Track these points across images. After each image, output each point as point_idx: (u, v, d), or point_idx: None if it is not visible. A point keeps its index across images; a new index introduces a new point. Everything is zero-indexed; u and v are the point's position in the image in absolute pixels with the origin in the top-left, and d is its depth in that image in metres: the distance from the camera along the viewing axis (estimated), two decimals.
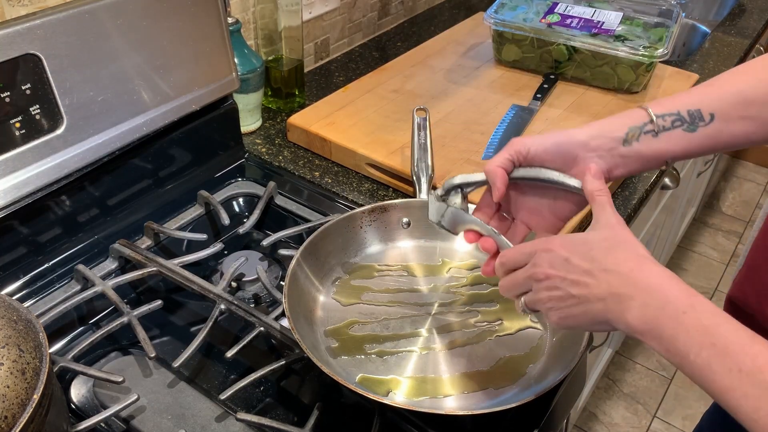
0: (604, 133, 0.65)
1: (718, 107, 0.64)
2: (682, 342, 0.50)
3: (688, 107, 0.65)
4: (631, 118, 0.65)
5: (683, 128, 0.65)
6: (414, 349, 0.77)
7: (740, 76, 0.66)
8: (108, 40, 0.83)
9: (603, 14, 1.27)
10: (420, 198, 0.92)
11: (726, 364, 0.48)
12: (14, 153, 0.78)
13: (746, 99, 0.64)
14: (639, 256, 0.56)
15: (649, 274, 0.54)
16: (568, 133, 0.66)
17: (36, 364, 0.57)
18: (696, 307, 0.51)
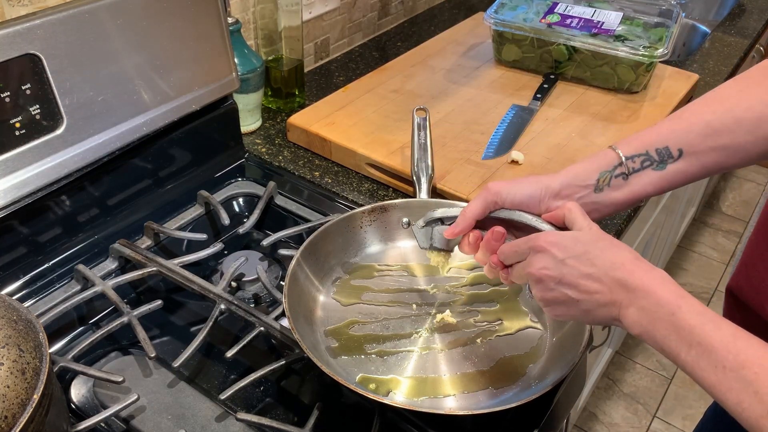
0: (576, 182, 0.67)
1: (686, 142, 0.65)
2: (673, 342, 0.53)
3: (656, 146, 0.66)
4: (602, 162, 0.67)
5: (653, 168, 0.66)
6: (414, 349, 0.77)
7: (706, 106, 0.66)
8: (108, 40, 0.83)
9: (603, 14, 1.27)
10: (420, 198, 0.92)
11: (711, 361, 0.51)
12: (14, 153, 0.78)
13: (714, 130, 0.65)
14: (633, 259, 0.58)
15: (644, 276, 0.56)
16: (540, 181, 0.67)
17: (36, 364, 0.57)
18: (683, 307, 0.53)
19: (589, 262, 0.58)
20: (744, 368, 0.49)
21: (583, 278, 0.58)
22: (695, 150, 0.65)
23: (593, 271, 0.58)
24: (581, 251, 0.59)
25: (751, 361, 0.49)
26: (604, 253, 0.58)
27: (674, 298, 0.54)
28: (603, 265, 0.58)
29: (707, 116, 0.65)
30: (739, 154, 0.65)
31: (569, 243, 0.60)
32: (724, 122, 0.64)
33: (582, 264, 0.58)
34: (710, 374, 0.51)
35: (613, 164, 0.67)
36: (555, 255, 0.60)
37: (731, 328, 0.52)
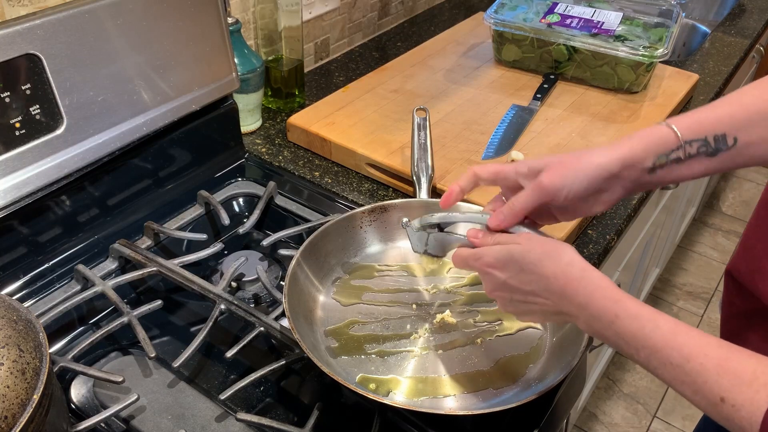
0: (635, 162, 0.63)
1: (743, 130, 0.63)
2: (623, 345, 0.55)
3: (715, 131, 0.63)
4: (659, 143, 0.63)
5: (706, 153, 0.64)
6: (414, 349, 0.77)
7: (761, 91, 0.64)
8: (108, 40, 0.83)
9: (603, 14, 1.27)
10: (420, 198, 0.92)
11: (658, 359, 0.53)
12: (14, 153, 0.78)
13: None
14: (565, 267, 0.58)
15: (578, 288, 0.57)
16: (599, 163, 0.62)
17: (36, 364, 0.57)
18: (620, 314, 0.55)
19: (527, 281, 0.60)
20: (689, 361, 0.51)
21: (528, 294, 0.61)
22: (750, 141, 0.63)
23: (533, 288, 0.60)
24: (517, 269, 0.61)
25: (695, 352, 0.51)
26: (538, 268, 0.59)
27: (610, 305, 0.56)
28: (539, 282, 0.60)
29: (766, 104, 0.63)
30: None
31: (506, 263, 0.61)
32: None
33: (521, 283, 0.61)
34: (663, 371, 0.53)
35: (671, 147, 0.63)
36: (497, 277, 0.62)
37: (669, 323, 0.53)
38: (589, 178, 0.62)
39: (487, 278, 0.64)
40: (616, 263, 1.32)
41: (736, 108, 0.64)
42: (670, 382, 0.53)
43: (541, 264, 0.59)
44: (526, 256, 0.60)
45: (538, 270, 0.59)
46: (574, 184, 0.62)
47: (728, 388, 0.49)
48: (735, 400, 0.48)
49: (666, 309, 2.23)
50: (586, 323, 0.58)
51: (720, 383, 0.49)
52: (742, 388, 0.48)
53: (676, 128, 0.63)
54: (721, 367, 0.50)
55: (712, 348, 0.51)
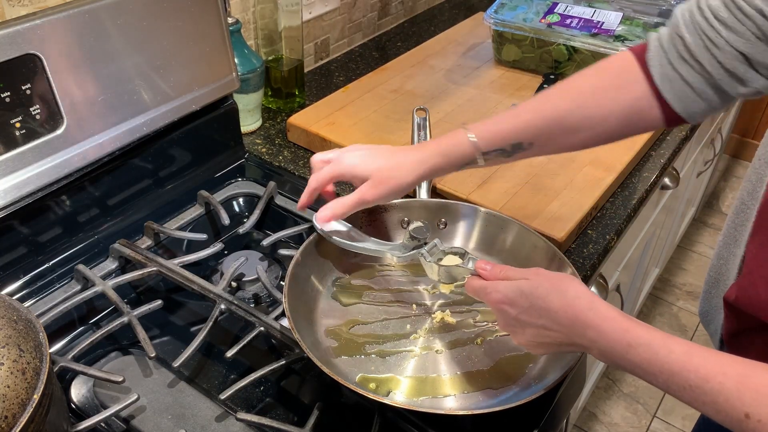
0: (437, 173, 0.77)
1: (539, 137, 0.72)
2: (640, 373, 0.56)
3: (512, 141, 0.72)
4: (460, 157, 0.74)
5: (503, 156, 0.74)
6: (414, 349, 0.77)
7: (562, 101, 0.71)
8: (108, 40, 0.83)
9: (603, 14, 1.27)
10: (420, 198, 0.92)
11: (677, 383, 0.53)
12: (14, 153, 0.78)
13: (566, 128, 0.71)
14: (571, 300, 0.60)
15: (586, 322, 0.58)
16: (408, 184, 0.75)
17: (36, 364, 0.57)
18: (632, 343, 0.55)
19: (537, 314, 0.61)
20: (708, 382, 0.51)
21: (540, 328, 0.62)
22: (545, 142, 0.72)
23: (544, 322, 0.61)
24: (527, 305, 0.62)
25: (713, 372, 0.51)
26: (546, 302, 0.61)
27: (621, 337, 0.56)
28: (548, 316, 0.61)
29: (563, 113, 0.70)
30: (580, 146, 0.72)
31: (515, 298, 0.63)
32: (575, 118, 0.70)
33: (532, 317, 0.62)
34: (683, 394, 0.53)
35: (471, 159, 0.74)
36: (508, 313, 0.64)
37: (683, 346, 0.54)
38: (402, 190, 0.76)
39: (499, 314, 0.65)
40: (616, 263, 1.32)
41: (536, 115, 0.72)
42: (692, 404, 0.53)
43: (548, 298, 0.60)
44: (534, 291, 0.61)
45: (546, 304, 0.60)
46: (389, 197, 0.76)
47: (751, 404, 0.49)
48: (760, 415, 0.48)
49: (666, 309, 2.23)
50: (600, 354, 0.58)
51: (742, 400, 0.49)
52: (765, 402, 0.48)
53: (477, 140, 0.73)
54: (742, 383, 0.50)
55: (729, 366, 0.51)
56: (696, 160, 1.78)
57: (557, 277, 0.63)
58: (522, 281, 0.63)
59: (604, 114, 0.69)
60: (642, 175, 1.09)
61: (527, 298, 0.62)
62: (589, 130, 0.70)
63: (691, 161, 1.69)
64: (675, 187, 1.36)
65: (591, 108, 0.69)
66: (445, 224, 0.89)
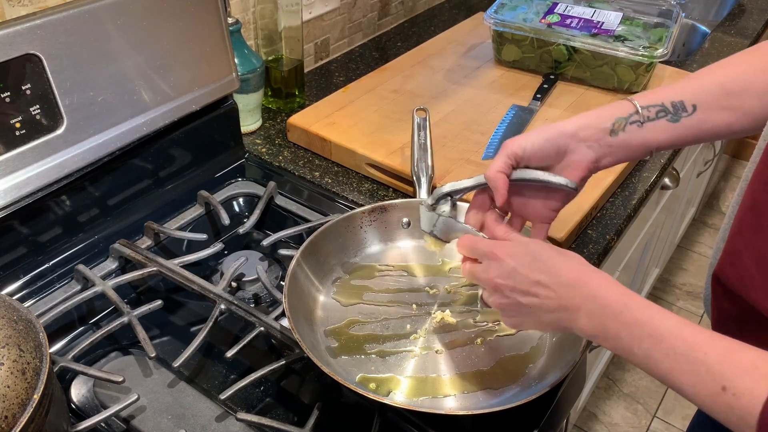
0: (592, 124, 0.69)
1: (700, 98, 0.68)
2: (624, 338, 0.56)
3: (671, 99, 0.69)
4: (618, 109, 0.69)
5: (667, 119, 0.69)
6: (414, 349, 0.77)
7: (720, 69, 0.70)
8: (108, 40, 0.83)
9: (603, 14, 1.27)
10: (420, 198, 0.92)
11: (662, 349, 0.54)
12: (14, 153, 0.78)
13: (726, 90, 0.68)
14: (581, 265, 0.61)
15: (591, 281, 0.60)
16: (557, 126, 0.69)
17: (36, 364, 0.57)
18: (629, 305, 0.57)
19: (538, 270, 0.62)
20: (693, 351, 0.52)
21: (534, 285, 0.62)
22: (708, 107, 0.68)
23: (542, 278, 0.61)
24: (531, 259, 0.62)
25: (700, 343, 0.52)
26: (552, 261, 0.62)
27: (620, 297, 0.58)
28: (551, 272, 0.61)
29: (720, 77, 0.68)
30: (747, 117, 0.68)
31: (520, 252, 0.63)
32: (736, 84, 0.67)
33: (532, 271, 0.62)
34: (663, 363, 0.54)
35: (629, 112, 0.69)
36: (508, 263, 0.63)
37: (677, 318, 0.55)
38: (546, 134, 0.68)
39: (495, 264, 0.64)
40: (616, 263, 1.32)
41: (691, 81, 0.70)
42: (668, 374, 0.53)
43: (555, 259, 0.62)
44: (543, 252, 0.63)
45: (551, 262, 0.62)
46: (532, 140, 0.68)
47: (730, 378, 0.50)
48: (736, 389, 0.49)
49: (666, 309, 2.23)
50: (589, 316, 0.58)
51: (722, 373, 0.50)
52: (744, 377, 0.49)
53: (633, 99, 0.69)
54: (725, 357, 0.51)
55: (717, 340, 0.52)
56: (696, 160, 1.78)
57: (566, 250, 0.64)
58: (531, 241, 0.65)
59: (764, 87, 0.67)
60: (642, 175, 1.09)
61: (532, 254, 0.63)
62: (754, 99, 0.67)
63: (691, 161, 1.69)
64: (675, 187, 1.36)
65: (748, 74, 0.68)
66: None
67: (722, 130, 0.69)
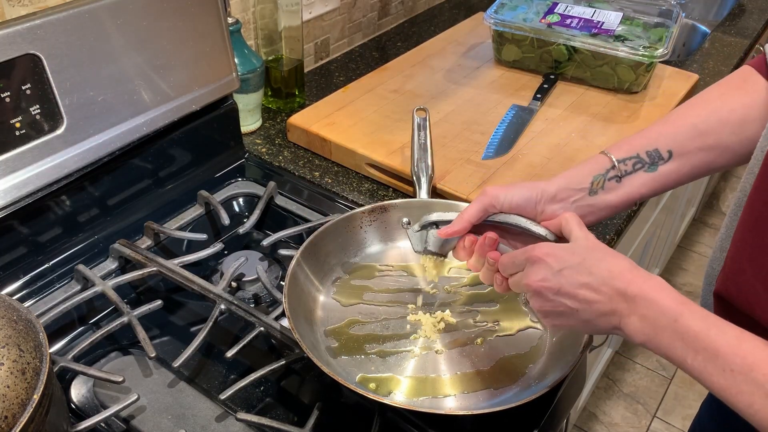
0: (570, 185, 0.69)
1: (675, 143, 0.68)
2: (678, 348, 0.53)
3: (646, 148, 0.69)
4: (594, 166, 0.69)
5: (644, 170, 0.69)
6: (414, 349, 0.77)
7: (691, 110, 0.70)
8: (108, 40, 0.83)
9: (603, 14, 1.27)
10: (420, 198, 0.92)
11: (719, 365, 0.51)
12: (14, 153, 0.78)
13: (700, 131, 0.68)
14: (631, 266, 0.58)
15: (643, 285, 0.56)
16: (536, 186, 0.69)
17: (36, 364, 0.57)
18: (685, 314, 0.54)
19: (586, 272, 0.58)
20: (753, 371, 0.49)
21: (581, 288, 0.58)
22: (684, 151, 0.68)
23: (590, 280, 0.58)
24: (577, 261, 0.59)
25: (759, 363, 0.50)
26: (601, 263, 0.58)
27: (675, 305, 0.54)
28: (600, 274, 0.58)
29: (693, 119, 0.68)
30: (726, 154, 0.68)
31: (565, 253, 0.60)
32: (709, 124, 0.68)
33: (579, 274, 0.58)
34: (719, 378, 0.51)
35: (606, 168, 0.69)
36: (551, 265, 0.60)
37: (735, 330, 0.52)
38: (526, 192, 0.68)
39: (540, 266, 0.61)
40: None
41: (663, 126, 0.69)
42: (724, 390, 0.51)
43: (605, 261, 0.58)
44: (591, 253, 0.59)
45: (601, 265, 0.58)
46: (511, 194, 0.68)
47: None
48: None
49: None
50: (642, 322, 0.55)
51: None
52: None
53: (609, 152, 0.69)
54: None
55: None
56: None
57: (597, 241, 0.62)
58: (575, 243, 0.62)
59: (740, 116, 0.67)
60: None
61: (580, 255, 0.59)
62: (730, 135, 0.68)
63: None
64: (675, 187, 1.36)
65: (721, 111, 0.68)
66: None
67: (702, 170, 0.69)
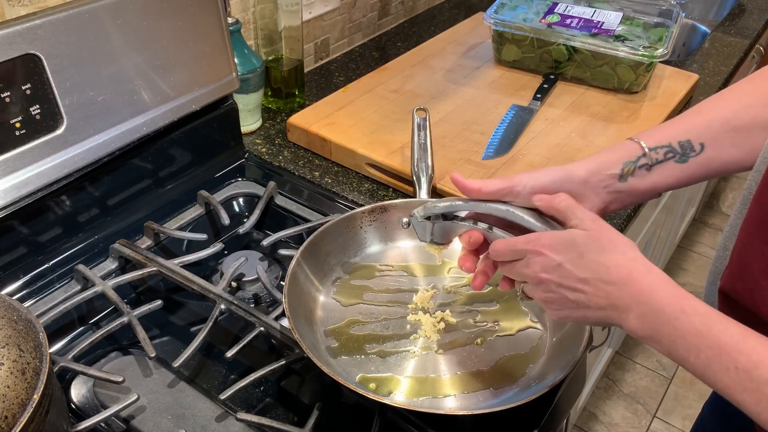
0: (601, 170, 0.67)
1: (707, 136, 0.66)
2: (681, 346, 0.53)
3: (678, 138, 0.67)
4: (625, 152, 0.67)
5: (675, 159, 0.67)
6: (414, 349, 0.77)
7: (724, 102, 0.68)
8: (108, 40, 0.83)
9: (603, 14, 1.27)
10: (420, 198, 0.92)
11: (723, 363, 0.50)
12: (14, 153, 0.78)
13: (732, 127, 0.66)
14: (630, 260, 0.57)
15: (642, 280, 0.56)
16: (566, 170, 0.66)
17: (36, 364, 0.57)
18: (687, 310, 0.53)
19: (584, 267, 0.58)
20: (758, 368, 0.49)
21: (580, 282, 0.58)
22: (716, 145, 0.66)
23: (589, 275, 0.58)
24: (577, 254, 0.58)
25: (765, 360, 0.49)
26: (601, 257, 0.58)
27: (676, 302, 0.54)
28: (598, 269, 0.57)
29: (725, 113, 0.66)
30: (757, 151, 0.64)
31: (566, 246, 0.59)
32: (742, 119, 0.66)
33: (578, 269, 0.58)
34: (723, 376, 0.50)
35: (637, 155, 0.67)
36: (553, 258, 0.59)
37: (738, 327, 0.51)
38: (553, 176, 0.65)
39: (539, 259, 0.60)
40: None
41: (696, 117, 0.68)
42: (729, 388, 0.50)
43: (605, 253, 0.57)
44: (591, 243, 0.58)
45: (600, 258, 0.57)
46: (537, 176, 0.65)
47: None
48: None
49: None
50: (640, 318, 0.55)
51: None
52: None
53: (640, 139, 0.67)
54: None
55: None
56: None
57: (615, 235, 0.59)
58: (578, 231, 0.59)
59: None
60: None
61: (579, 248, 0.58)
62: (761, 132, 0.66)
63: None
64: None
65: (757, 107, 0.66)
66: None
67: (732, 166, 0.67)
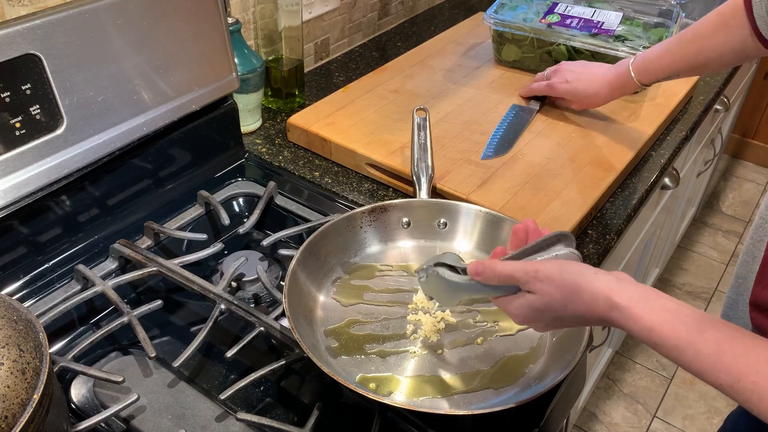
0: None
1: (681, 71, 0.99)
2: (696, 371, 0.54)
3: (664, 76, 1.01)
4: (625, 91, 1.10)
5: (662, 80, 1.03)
6: (414, 349, 0.77)
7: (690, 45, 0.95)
8: (108, 40, 0.83)
9: (603, 14, 1.27)
10: (420, 198, 0.92)
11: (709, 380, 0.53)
12: (14, 153, 0.78)
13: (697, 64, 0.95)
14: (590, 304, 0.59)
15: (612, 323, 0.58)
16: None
17: (36, 364, 0.57)
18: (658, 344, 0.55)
19: (566, 320, 0.62)
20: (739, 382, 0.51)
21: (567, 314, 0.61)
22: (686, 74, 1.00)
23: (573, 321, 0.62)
24: (551, 317, 0.63)
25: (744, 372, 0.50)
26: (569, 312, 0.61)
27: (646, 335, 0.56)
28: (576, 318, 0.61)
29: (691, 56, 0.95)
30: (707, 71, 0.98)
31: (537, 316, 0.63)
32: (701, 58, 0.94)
33: (564, 322, 0.63)
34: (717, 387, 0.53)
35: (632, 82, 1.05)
36: (539, 326, 0.66)
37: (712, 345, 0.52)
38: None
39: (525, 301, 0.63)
40: (616, 263, 1.32)
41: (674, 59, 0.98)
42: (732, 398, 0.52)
43: (568, 309, 0.60)
44: (551, 305, 0.61)
45: (569, 312, 0.61)
46: None
47: None
48: None
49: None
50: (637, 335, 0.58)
51: None
52: None
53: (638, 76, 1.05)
54: None
55: (764, 363, 0.50)
56: (696, 160, 1.78)
57: (562, 281, 0.60)
58: (531, 297, 0.62)
59: (720, 53, 0.91)
60: (642, 175, 1.09)
61: (546, 313, 0.62)
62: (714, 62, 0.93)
63: (691, 161, 1.69)
64: (675, 187, 1.36)
65: (710, 50, 0.92)
66: (445, 224, 0.89)
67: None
